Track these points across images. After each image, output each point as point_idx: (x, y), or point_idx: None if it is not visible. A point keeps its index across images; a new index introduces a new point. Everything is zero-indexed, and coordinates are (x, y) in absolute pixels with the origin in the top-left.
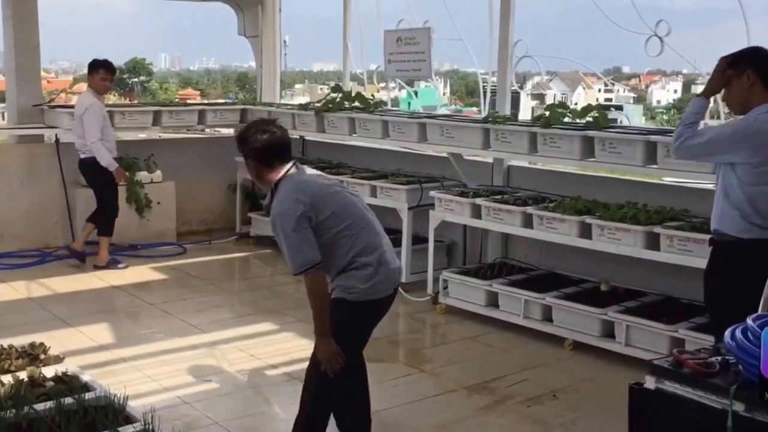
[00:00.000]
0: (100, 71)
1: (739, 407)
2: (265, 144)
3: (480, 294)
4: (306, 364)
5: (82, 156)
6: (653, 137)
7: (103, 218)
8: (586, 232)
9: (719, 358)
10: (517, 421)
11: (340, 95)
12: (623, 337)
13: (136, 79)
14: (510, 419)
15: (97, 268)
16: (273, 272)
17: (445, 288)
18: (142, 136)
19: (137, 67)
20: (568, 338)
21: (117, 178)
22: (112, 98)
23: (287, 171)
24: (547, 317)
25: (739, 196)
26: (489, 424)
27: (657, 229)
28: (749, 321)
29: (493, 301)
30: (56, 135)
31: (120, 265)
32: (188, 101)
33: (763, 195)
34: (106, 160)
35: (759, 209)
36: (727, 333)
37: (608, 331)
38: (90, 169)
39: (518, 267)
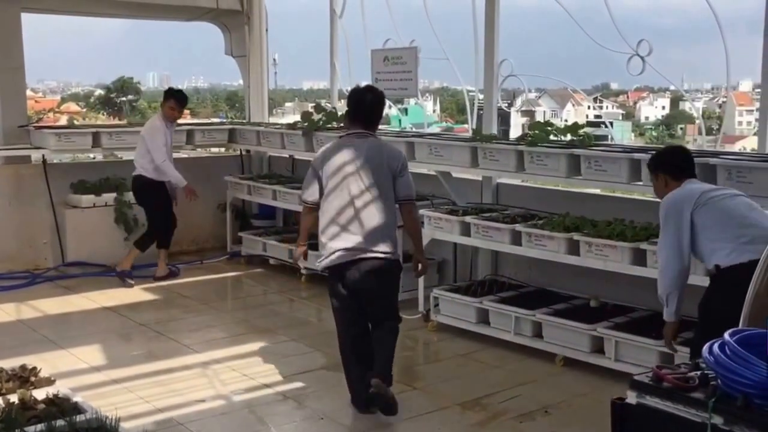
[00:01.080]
0: (171, 101)
1: (718, 420)
2: (349, 102)
3: (471, 311)
4: (298, 384)
5: (135, 173)
6: (637, 155)
7: (160, 232)
8: (574, 248)
9: (698, 372)
10: None
11: (322, 115)
12: (613, 352)
13: (124, 99)
14: None
15: (156, 279)
16: (265, 291)
17: (437, 305)
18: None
19: (125, 86)
20: (558, 354)
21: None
22: (101, 118)
23: (349, 133)
24: (538, 333)
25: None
26: None
27: (643, 245)
28: (726, 336)
29: (483, 318)
30: (43, 155)
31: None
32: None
33: (716, 226)
34: (176, 178)
35: (728, 236)
36: (705, 348)
37: (598, 347)
38: (141, 185)
39: (508, 284)
